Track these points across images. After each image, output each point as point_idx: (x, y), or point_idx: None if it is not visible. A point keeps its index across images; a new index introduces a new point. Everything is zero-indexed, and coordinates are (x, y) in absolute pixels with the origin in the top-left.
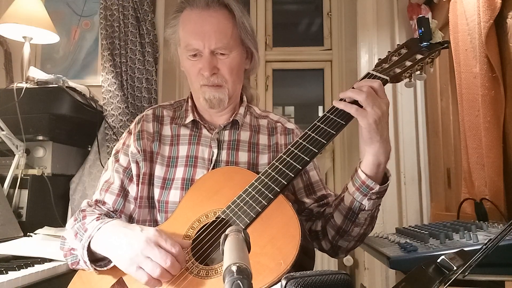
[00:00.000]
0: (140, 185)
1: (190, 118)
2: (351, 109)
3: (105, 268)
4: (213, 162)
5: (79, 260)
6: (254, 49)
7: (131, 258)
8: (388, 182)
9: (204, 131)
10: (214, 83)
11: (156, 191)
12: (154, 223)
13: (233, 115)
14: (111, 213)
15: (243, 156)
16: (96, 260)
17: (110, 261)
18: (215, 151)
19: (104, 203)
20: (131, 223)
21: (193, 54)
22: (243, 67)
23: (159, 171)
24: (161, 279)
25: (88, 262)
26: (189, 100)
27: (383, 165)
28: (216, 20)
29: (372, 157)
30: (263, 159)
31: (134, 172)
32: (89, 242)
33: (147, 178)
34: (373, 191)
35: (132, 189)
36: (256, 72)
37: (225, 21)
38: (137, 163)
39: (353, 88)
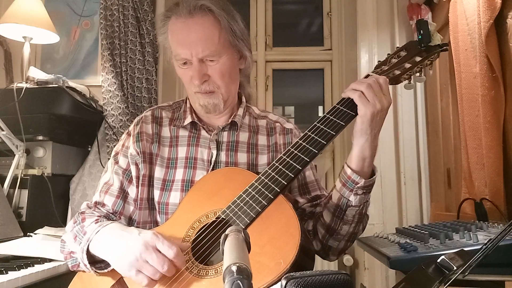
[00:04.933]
0: (139, 187)
1: (188, 119)
2: (354, 94)
3: (105, 271)
4: (212, 163)
5: (79, 263)
6: (246, 51)
7: (130, 262)
8: (374, 177)
9: (203, 133)
10: (206, 90)
11: (156, 193)
12: (155, 224)
13: (232, 116)
14: (111, 215)
15: (242, 157)
16: (96, 262)
17: (109, 264)
18: (214, 152)
19: (103, 204)
20: (131, 226)
21: (183, 62)
22: (237, 68)
23: (158, 172)
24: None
25: (88, 265)
26: (188, 101)
27: (369, 159)
28: (201, 28)
29: (357, 150)
30: (263, 159)
31: (133, 174)
32: (88, 245)
33: (147, 180)
34: (358, 185)
35: (132, 191)
36: (251, 71)
37: (210, 27)
38: (136, 165)
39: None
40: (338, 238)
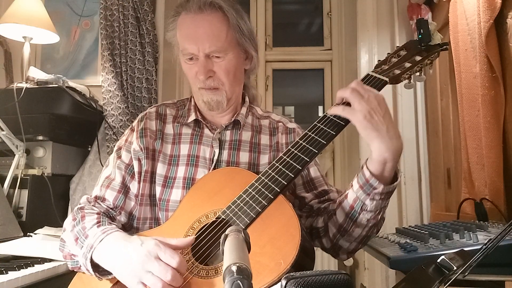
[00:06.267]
0: (141, 183)
1: (192, 117)
2: (338, 109)
3: (109, 277)
4: (214, 162)
5: (81, 266)
6: (252, 51)
7: (132, 273)
8: (396, 183)
9: (206, 131)
10: (211, 86)
11: (158, 189)
12: (155, 221)
13: (235, 115)
14: (111, 210)
15: (244, 156)
16: (99, 267)
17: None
18: (217, 151)
19: (104, 199)
20: (131, 221)
21: (189, 58)
22: (242, 68)
23: (161, 169)
24: None
25: (91, 271)
26: (192, 99)
27: (390, 163)
28: (209, 24)
29: (375, 154)
30: (264, 159)
31: (136, 169)
32: (91, 254)
33: (149, 176)
34: (376, 191)
35: (134, 186)
36: (256, 73)
37: (218, 24)
38: (139, 160)
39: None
40: (349, 239)
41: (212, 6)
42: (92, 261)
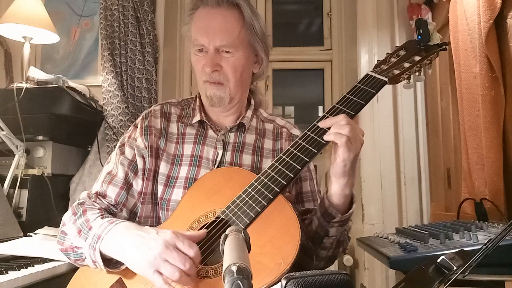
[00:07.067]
0: (144, 181)
1: (197, 118)
2: (341, 140)
3: (117, 270)
4: (217, 163)
5: (85, 258)
6: (263, 53)
7: (149, 262)
8: (350, 211)
9: (210, 132)
10: (216, 80)
11: (160, 188)
12: (157, 219)
13: (240, 117)
14: (111, 207)
15: (247, 159)
16: (105, 260)
17: (121, 263)
18: (220, 152)
19: (105, 195)
20: (133, 219)
21: (199, 49)
22: (250, 69)
23: (163, 168)
24: (180, 282)
25: (101, 263)
26: (197, 99)
27: (349, 196)
28: (223, 18)
29: (338, 189)
30: (267, 163)
31: (139, 166)
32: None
33: (152, 175)
34: (334, 220)
35: (137, 183)
36: (263, 78)
37: (233, 20)
38: (143, 158)
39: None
40: (317, 259)
41: (230, 3)
42: (100, 252)
